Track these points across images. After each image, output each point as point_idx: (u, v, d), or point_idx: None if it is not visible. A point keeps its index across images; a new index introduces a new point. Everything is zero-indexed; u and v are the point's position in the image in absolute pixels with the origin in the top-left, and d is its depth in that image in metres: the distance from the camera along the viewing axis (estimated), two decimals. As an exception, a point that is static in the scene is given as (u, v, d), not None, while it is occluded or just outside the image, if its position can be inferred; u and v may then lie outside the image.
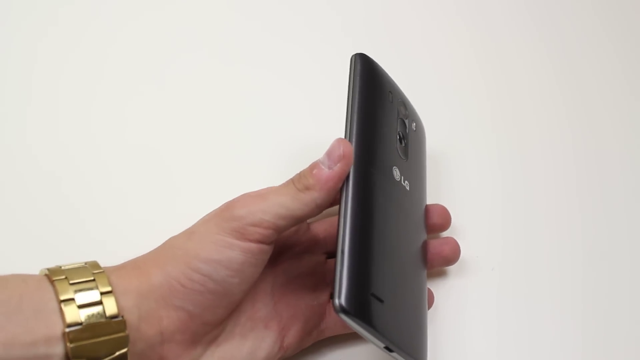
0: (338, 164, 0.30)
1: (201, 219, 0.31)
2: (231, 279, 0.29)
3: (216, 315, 0.30)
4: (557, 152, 0.45)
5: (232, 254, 0.29)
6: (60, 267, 0.28)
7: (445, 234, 0.39)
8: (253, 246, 0.29)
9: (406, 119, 0.37)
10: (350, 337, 0.36)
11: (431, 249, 0.36)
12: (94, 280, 0.27)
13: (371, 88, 0.34)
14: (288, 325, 0.33)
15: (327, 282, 0.36)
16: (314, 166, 0.31)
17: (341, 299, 0.26)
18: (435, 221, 0.37)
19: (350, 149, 0.30)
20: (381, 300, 0.28)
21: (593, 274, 0.39)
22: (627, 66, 0.50)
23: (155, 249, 0.31)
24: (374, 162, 0.32)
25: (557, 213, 0.42)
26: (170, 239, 0.31)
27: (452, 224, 0.38)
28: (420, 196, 0.37)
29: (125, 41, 0.48)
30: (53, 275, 0.27)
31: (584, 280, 0.39)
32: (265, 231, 0.29)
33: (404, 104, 0.38)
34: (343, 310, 0.26)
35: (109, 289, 0.27)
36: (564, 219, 0.42)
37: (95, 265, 0.29)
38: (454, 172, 0.44)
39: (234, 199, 0.30)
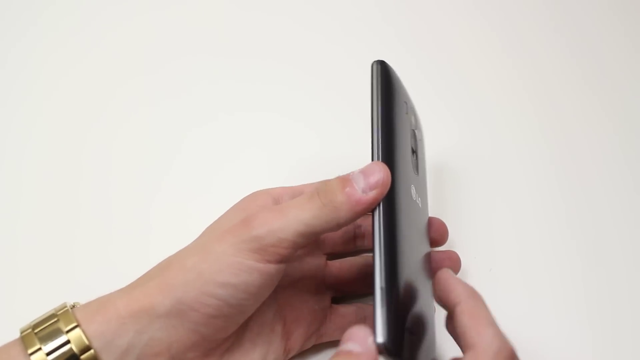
0: (374, 191, 0.28)
1: (214, 233, 0.29)
2: (246, 302, 0.28)
3: (228, 332, 0.29)
4: (553, 153, 0.45)
5: (250, 278, 0.27)
6: (31, 322, 0.28)
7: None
8: (272, 268, 0.28)
9: (416, 129, 0.36)
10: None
11: (432, 264, 0.35)
12: (57, 320, 0.27)
13: (392, 99, 0.32)
14: (291, 329, 0.33)
15: (327, 285, 0.36)
16: (345, 182, 0.28)
17: (384, 338, 0.25)
18: (433, 236, 0.36)
19: (389, 178, 0.28)
20: (413, 334, 0.27)
21: (591, 273, 0.39)
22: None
23: (159, 268, 0.29)
24: (400, 184, 0.30)
25: (554, 213, 0.42)
26: (178, 256, 0.29)
27: (449, 224, 0.38)
28: (427, 210, 0.36)
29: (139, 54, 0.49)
30: (22, 332, 0.28)
31: (582, 279, 0.39)
32: (284, 251, 0.28)
33: (414, 113, 0.37)
34: (387, 350, 0.25)
35: (73, 324, 0.27)
36: (561, 218, 0.42)
37: (62, 306, 0.28)
38: (451, 173, 0.44)
39: (251, 214, 0.28)
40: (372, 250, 0.27)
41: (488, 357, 0.25)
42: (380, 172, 0.28)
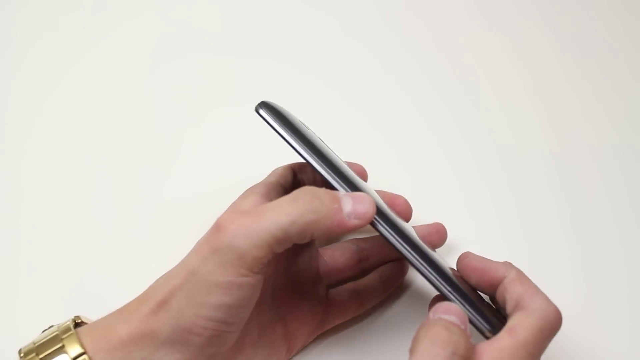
0: (357, 220, 0.27)
1: (195, 250, 0.28)
2: (243, 313, 0.28)
3: (232, 341, 0.29)
4: (554, 152, 0.45)
5: (242, 293, 0.27)
6: (35, 343, 0.28)
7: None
8: (259, 276, 0.27)
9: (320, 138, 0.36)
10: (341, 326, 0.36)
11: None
12: (62, 346, 0.27)
13: (301, 128, 0.31)
14: (292, 328, 0.33)
15: (322, 274, 0.35)
16: (334, 199, 0.27)
17: (490, 329, 0.28)
18: (400, 214, 0.36)
19: (374, 212, 0.28)
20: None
21: (592, 272, 0.40)
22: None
23: (152, 291, 0.28)
24: (376, 197, 0.31)
25: (556, 212, 0.42)
26: (167, 276, 0.28)
27: (450, 226, 0.38)
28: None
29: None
30: (25, 356, 0.27)
31: (583, 278, 0.39)
32: (263, 258, 0.27)
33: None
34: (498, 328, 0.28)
35: (79, 351, 0.27)
36: (564, 217, 0.42)
37: (67, 328, 0.28)
38: (451, 173, 0.44)
39: (226, 218, 0.27)
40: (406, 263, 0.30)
41: (537, 316, 0.27)
42: (370, 206, 0.28)
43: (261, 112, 0.31)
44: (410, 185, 0.40)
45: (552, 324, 0.27)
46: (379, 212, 0.29)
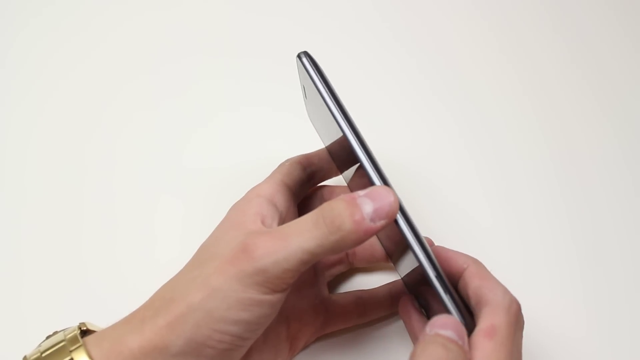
0: (383, 220, 0.26)
1: (212, 261, 0.27)
2: (259, 329, 0.28)
3: (242, 355, 0.29)
4: (553, 153, 0.45)
5: (262, 310, 0.27)
6: (41, 352, 0.27)
7: (445, 234, 0.39)
8: (280, 295, 0.27)
9: None
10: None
11: None
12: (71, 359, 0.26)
13: (337, 93, 0.30)
14: (296, 329, 0.33)
15: (320, 269, 0.36)
16: (353, 209, 0.26)
17: (460, 320, 0.28)
18: None
19: (398, 204, 0.27)
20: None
21: (590, 272, 0.40)
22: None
23: (164, 301, 0.28)
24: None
25: (554, 213, 0.42)
26: (180, 288, 0.28)
27: (450, 225, 0.38)
28: None
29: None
30: None
31: (581, 278, 0.40)
32: (290, 280, 0.27)
33: None
34: (468, 326, 0.28)
35: None
36: (562, 218, 0.42)
37: (74, 338, 0.27)
38: (451, 173, 0.44)
39: (251, 241, 0.27)
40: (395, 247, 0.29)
41: (504, 310, 0.27)
42: (390, 199, 0.26)
43: (304, 59, 0.29)
44: (409, 187, 0.40)
45: (516, 314, 0.28)
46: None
